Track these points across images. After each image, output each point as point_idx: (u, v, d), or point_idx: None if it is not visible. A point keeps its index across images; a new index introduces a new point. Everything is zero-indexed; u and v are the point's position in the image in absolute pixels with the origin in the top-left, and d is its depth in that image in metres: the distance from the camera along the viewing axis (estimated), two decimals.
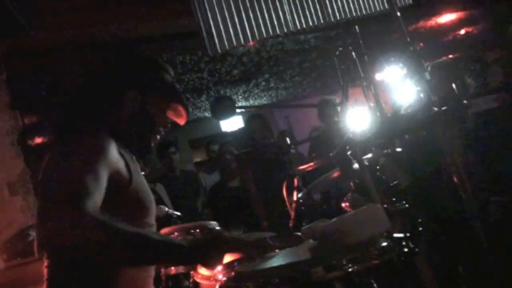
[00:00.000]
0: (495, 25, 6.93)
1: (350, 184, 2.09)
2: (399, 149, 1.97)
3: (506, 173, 2.84)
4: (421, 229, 1.74)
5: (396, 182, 1.96)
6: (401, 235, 1.63)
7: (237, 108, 1.79)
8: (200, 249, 1.45)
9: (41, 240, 1.21)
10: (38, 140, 5.64)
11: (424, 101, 1.59)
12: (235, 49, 5.58)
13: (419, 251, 1.63)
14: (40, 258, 1.52)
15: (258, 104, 9.37)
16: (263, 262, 1.59)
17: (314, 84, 8.97)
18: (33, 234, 3.72)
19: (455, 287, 2.98)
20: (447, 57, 8.04)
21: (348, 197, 1.98)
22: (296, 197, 2.11)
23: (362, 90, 1.95)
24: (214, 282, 1.67)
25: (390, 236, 1.58)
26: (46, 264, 1.53)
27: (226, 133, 9.19)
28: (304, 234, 1.58)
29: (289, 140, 2.79)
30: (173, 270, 2.73)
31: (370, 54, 1.83)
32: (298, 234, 1.78)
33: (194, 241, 1.65)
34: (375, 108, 1.75)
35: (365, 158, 1.85)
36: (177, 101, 1.72)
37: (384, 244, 1.51)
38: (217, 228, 2.93)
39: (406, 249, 1.58)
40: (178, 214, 3.61)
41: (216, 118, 1.86)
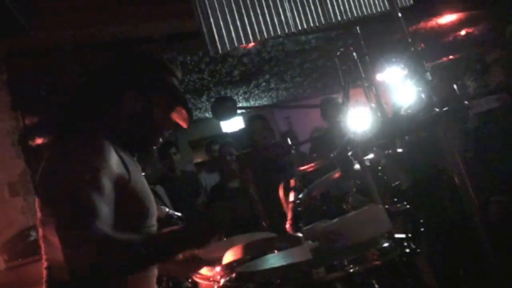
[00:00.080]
0: (496, 26, 6.93)
1: (351, 185, 2.09)
2: (400, 150, 1.97)
3: (507, 173, 2.83)
4: (422, 230, 1.74)
5: (397, 183, 1.96)
6: (402, 236, 1.63)
7: (238, 109, 1.79)
8: (195, 226, 1.50)
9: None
10: (39, 141, 5.63)
11: (425, 102, 1.59)
12: (236, 50, 5.58)
13: (420, 252, 1.63)
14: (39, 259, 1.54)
15: (259, 105, 9.36)
16: (264, 263, 1.59)
17: (315, 85, 8.97)
18: (34, 235, 3.72)
19: (456, 287, 2.98)
20: (448, 58, 8.06)
21: (349, 198, 1.98)
22: (293, 198, 2.10)
23: (363, 91, 1.94)
24: (213, 282, 1.67)
25: (391, 237, 1.58)
26: (45, 266, 1.53)
27: (227, 134, 9.19)
28: (306, 235, 1.58)
29: (290, 141, 2.78)
30: None
31: (371, 55, 1.83)
32: (299, 235, 1.78)
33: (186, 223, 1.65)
34: (376, 109, 1.74)
35: (366, 159, 1.85)
36: (180, 103, 1.70)
37: (385, 245, 1.51)
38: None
39: (408, 250, 1.58)
40: (179, 215, 3.60)
41: (217, 119, 1.85)
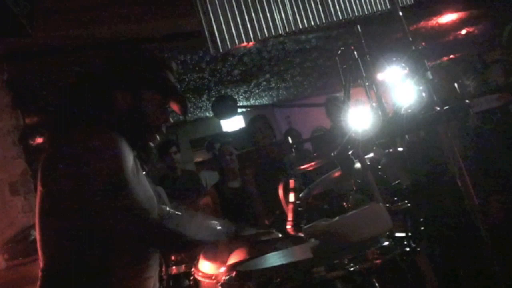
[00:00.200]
0: (496, 25, 6.93)
1: (352, 184, 2.09)
2: (401, 149, 1.97)
3: (507, 172, 2.83)
4: (423, 229, 1.74)
5: (398, 182, 1.96)
6: (403, 235, 1.63)
7: (239, 108, 1.79)
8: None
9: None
10: (40, 140, 5.64)
11: (426, 101, 1.59)
12: (236, 49, 5.58)
13: (421, 251, 1.63)
14: None
15: (260, 104, 9.34)
16: (265, 262, 1.59)
17: (315, 84, 8.97)
18: (34, 234, 3.72)
19: (456, 287, 2.98)
20: (448, 57, 8.05)
21: (350, 197, 1.98)
22: (294, 199, 2.10)
23: (363, 90, 1.94)
24: (215, 281, 1.67)
25: (392, 236, 1.58)
26: (41, 268, 1.52)
27: (227, 133, 9.19)
28: (306, 234, 1.58)
29: (293, 139, 2.78)
30: (174, 270, 2.72)
31: (372, 54, 1.83)
32: (300, 235, 1.78)
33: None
34: (377, 108, 1.74)
35: (367, 158, 1.85)
36: (172, 95, 1.67)
37: (386, 244, 1.51)
38: (219, 228, 2.92)
39: (408, 249, 1.58)
40: (179, 214, 3.59)
41: (218, 118, 1.85)
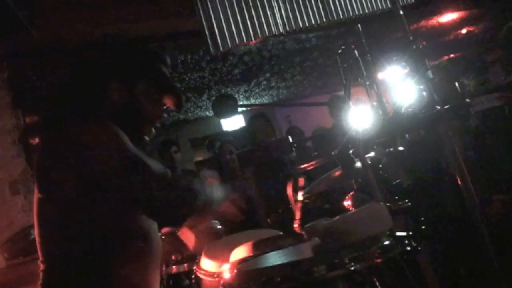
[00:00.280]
0: (496, 25, 6.92)
1: (352, 183, 2.09)
2: (401, 148, 1.97)
3: (509, 171, 2.83)
4: (423, 228, 1.74)
5: (398, 181, 1.96)
6: (404, 234, 1.63)
7: (239, 107, 1.79)
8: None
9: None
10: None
11: (427, 100, 1.59)
12: (237, 48, 5.57)
13: (421, 250, 1.63)
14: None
15: (263, 102, 9.32)
16: (265, 261, 1.59)
17: (315, 83, 8.97)
18: (34, 233, 3.71)
19: (456, 286, 2.98)
20: (448, 57, 8.05)
21: (351, 196, 1.98)
22: (303, 197, 2.10)
23: (364, 90, 1.94)
24: (218, 279, 1.67)
25: (393, 235, 1.58)
26: (42, 269, 1.51)
27: (228, 132, 9.18)
28: (307, 233, 1.57)
29: (296, 137, 2.78)
30: (174, 269, 2.72)
31: (372, 53, 1.82)
32: (302, 233, 1.78)
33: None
34: (378, 107, 1.74)
35: (368, 157, 1.84)
36: (167, 89, 1.65)
37: (387, 243, 1.51)
38: (219, 227, 2.92)
39: (408, 248, 1.58)
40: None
41: (218, 117, 1.85)
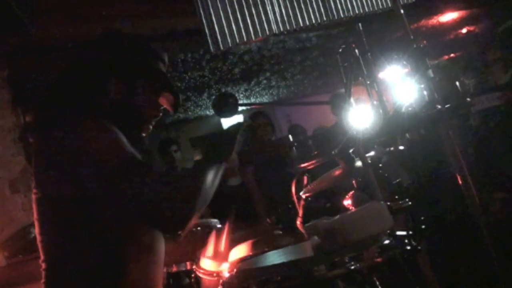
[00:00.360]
0: (497, 24, 6.92)
1: (352, 182, 2.08)
2: (402, 147, 1.97)
3: (509, 170, 2.83)
4: (423, 227, 1.74)
5: (399, 180, 1.96)
6: (404, 233, 1.63)
7: (240, 106, 1.79)
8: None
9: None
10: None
11: (427, 99, 1.59)
12: (237, 48, 5.57)
13: (421, 249, 1.63)
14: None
15: (263, 102, 9.30)
16: (265, 260, 1.59)
17: (316, 83, 8.96)
18: (34, 232, 3.71)
19: (456, 286, 2.98)
20: (449, 56, 8.05)
21: (351, 195, 1.98)
22: (306, 195, 2.10)
23: (364, 89, 1.94)
24: (217, 278, 1.67)
25: (393, 234, 1.58)
26: (44, 267, 1.51)
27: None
28: (307, 232, 1.58)
29: (299, 135, 2.78)
30: (174, 268, 2.72)
31: (373, 52, 1.82)
32: (302, 232, 1.78)
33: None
34: (378, 106, 1.74)
35: (368, 156, 1.84)
36: (165, 88, 1.63)
37: (387, 242, 1.51)
38: (219, 226, 2.92)
39: (408, 247, 1.58)
40: None
41: (219, 115, 1.85)
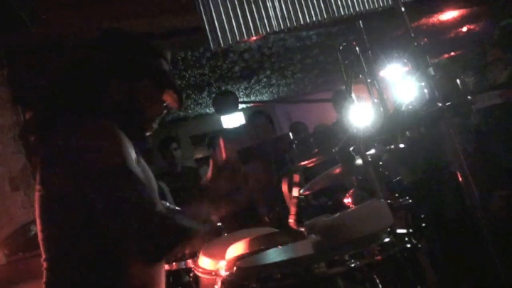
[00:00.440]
0: (497, 23, 6.91)
1: (352, 180, 2.09)
2: (402, 145, 1.96)
3: (509, 168, 2.84)
4: (424, 225, 1.74)
5: (399, 178, 1.96)
6: (404, 231, 1.62)
7: (240, 103, 1.79)
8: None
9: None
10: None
11: (428, 97, 1.59)
12: (237, 46, 5.57)
13: (421, 247, 1.63)
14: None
15: (263, 100, 9.29)
16: (265, 257, 1.59)
17: (316, 81, 8.96)
18: (34, 229, 3.72)
19: (456, 283, 2.98)
20: (449, 55, 8.04)
21: (351, 193, 1.97)
22: (298, 193, 2.09)
23: (365, 87, 1.94)
24: (215, 277, 1.66)
25: (393, 232, 1.58)
26: (45, 267, 1.51)
27: (228, 129, 9.17)
28: (307, 229, 1.57)
29: (300, 133, 2.78)
30: (174, 266, 2.72)
31: (374, 50, 1.82)
32: (302, 230, 1.77)
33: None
34: (379, 104, 1.74)
35: (368, 154, 1.84)
36: (166, 86, 1.63)
37: (387, 240, 1.51)
38: (219, 224, 2.92)
39: (409, 245, 1.57)
40: (178, 209, 3.58)
41: (219, 113, 1.85)
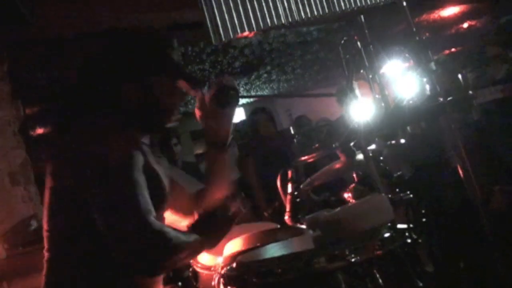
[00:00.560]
0: (497, 19, 6.89)
1: (353, 175, 2.08)
2: (403, 141, 1.96)
3: (510, 163, 2.83)
4: (424, 220, 1.74)
5: (400, 173, 1.96)
6: (404, 226, 1.62)
7: (241, 98, 1.78)
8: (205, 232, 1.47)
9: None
10: (40, 130, 5.63)
11: (429, 92, 1.58)
12: (237, 41, 5.56)
13: (422, 242, 1.63)
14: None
15: (266, 94, 9.26)
16: (265, 252, 1.59)
17: (316, 77, 8.95)
18: (34, 224, 3.72)
19: (456, 279, 2.98)
20: (450, 51, 8.03)
21: (351, 188, 1.97)
22: (292, 190, 2.08)
23: (366, 82, 1.93)
24: (214, 272, 1.66)
25: (393, 227, 1.58)
26: (46, 258, 1.51)
27: None
28: (308, 224, 1.57)
29: (300, 128, 2.77)
30: None
31: (375, 45, 1.81)
32: (301, 227, 1.77)
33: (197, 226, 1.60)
34: (380, 99, 1.74)
35: (369, 149, 1.84)
36: (179, 74, 1.63)
37: (387, 235, 1.51)
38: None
39: (409, 240, 1.57)
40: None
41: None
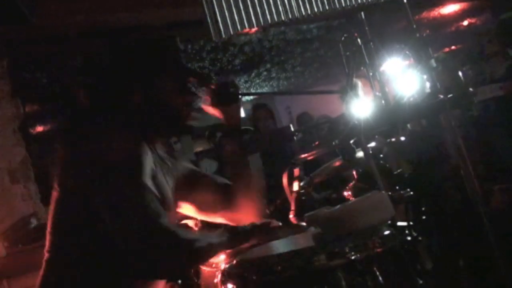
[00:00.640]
0: (497, 17, 6.89)
1: (352, 173, 2.08)
2: (403, 138, 1.96)
3: (510, 161, 2.84)
4: (424, 218, 1.73)
5: (400, 171, 1.96)
6: (404, 224, 1.62)
7: (241, 95, 1.78)
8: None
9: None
10: (40, 128, 5.64)
11: (430, 89, 1.58)
12: (237, 38, 5.55)
13: (421, 240, 1.63)
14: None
15: (261, 92, 9.27)
16: (265, 250, 1.59)
17: (316, 75, 8.95)
18: (34, 222, 3.72)
19: (456, 276, 2.98)
20: (449, 48, 8.03)
21: (351, 186, 1.97)
22: (298, 187, 2.08)
23: (366, 81, 1.93)
24: (216, 269, 1.66)
25: (393, 224, 1.58)
26: (45, 258, 1.50)
27: None
28: (307, 221, 1.57)
29: (306, 124, 2.77)
30: None
31: (375, 42, 1.81)
32: (303, 224, 1.77)
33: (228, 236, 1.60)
34: (380, 96, 1.73)
35: (369, 147, 1.83)
36: (186, 74, 1.64)
37: (387, 233, 1.51)
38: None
39: (409, 238, 1.57)
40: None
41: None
